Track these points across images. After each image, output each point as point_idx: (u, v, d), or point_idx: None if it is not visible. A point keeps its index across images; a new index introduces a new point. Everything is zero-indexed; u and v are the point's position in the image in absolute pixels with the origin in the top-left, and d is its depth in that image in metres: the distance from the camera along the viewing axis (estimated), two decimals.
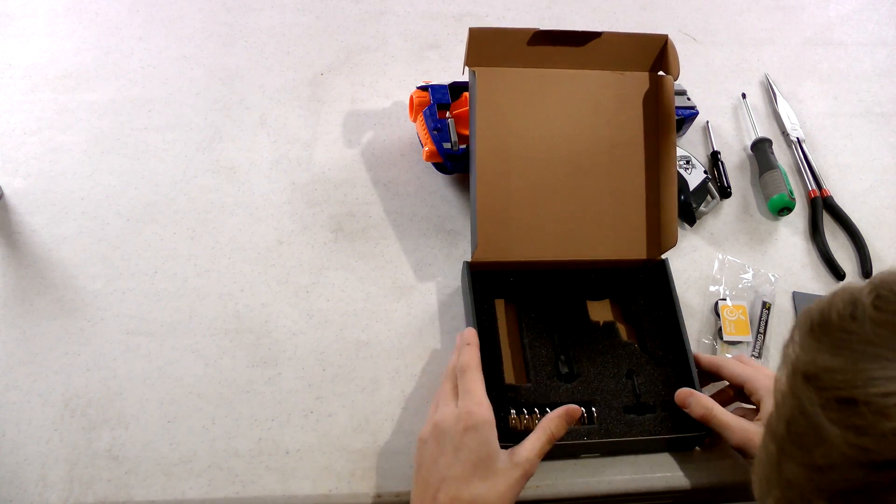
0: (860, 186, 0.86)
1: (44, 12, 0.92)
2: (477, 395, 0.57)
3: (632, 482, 0.63)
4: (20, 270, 0.70)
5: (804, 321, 0.38)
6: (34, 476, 0.59)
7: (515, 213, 0.68)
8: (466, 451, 0.54)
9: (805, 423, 0.36)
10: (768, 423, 0.40)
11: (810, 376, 0.36)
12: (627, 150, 0.70)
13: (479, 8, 0.99)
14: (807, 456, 0.36)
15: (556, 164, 0.69)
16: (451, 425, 0.55)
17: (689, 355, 0.65)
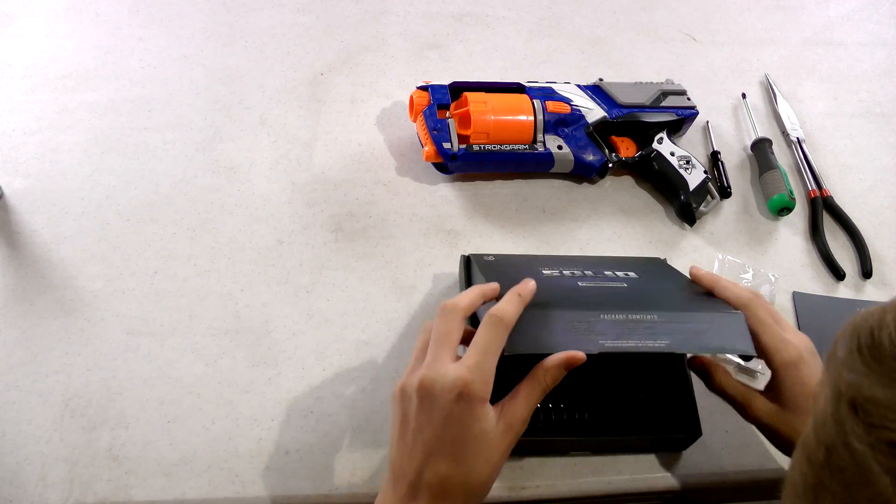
0: (860, 186, 0.86)
1: (44, 12, 0.92)
2: (488, 362, 0.48)
3: (632, 482, 0.63)
4: (20, 270, 0.70)
5: (851, 337, 0.34)
6: (34, 476, 0.59)
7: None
8: (456, 426, 0.47)
9: (849, 459, 0.32)
10: (804, 440, 0.37)
11: (857, 406, 0.32)
12: None
13: (479, 8, 0.99)
14: (848, 496, 0.32)
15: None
16: (443, 390, 0.47)
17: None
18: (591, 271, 0.63)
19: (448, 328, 0.50)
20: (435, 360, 0.48)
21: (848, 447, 0.32)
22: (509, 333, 0.50)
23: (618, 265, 0.66)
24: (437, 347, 0.49)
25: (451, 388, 0.47)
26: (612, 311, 0.53)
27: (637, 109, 0.83)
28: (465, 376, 0.47)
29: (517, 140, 0.78)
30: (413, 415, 0.48)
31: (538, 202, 0.80)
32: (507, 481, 0.62)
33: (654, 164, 0.81)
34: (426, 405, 0.47)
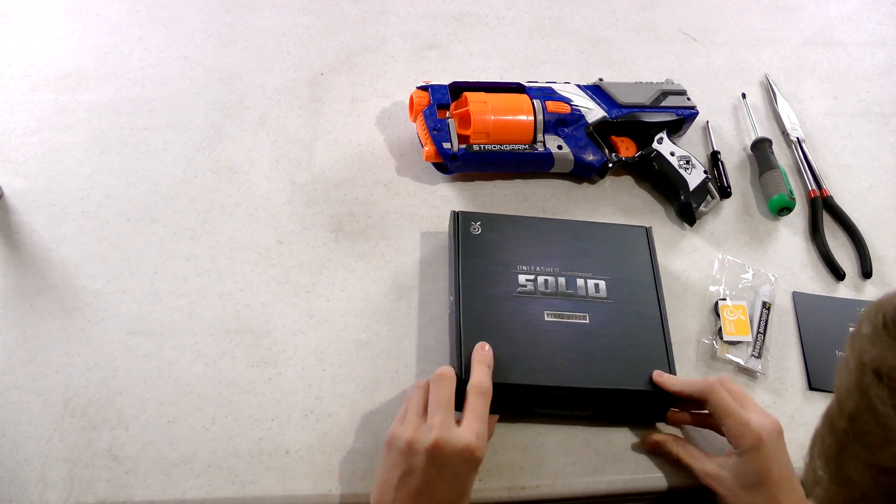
0: (860, 186, 0.86)
1: (44, 12, 0.92)
2: (484, 428, 0.56)
3: (632, 482, 0.63)
4: (20, 270, 0.70)
5: (875, 314, 0.36)
6: (34, 476, 0.59)
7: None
8: (461, 483, 0.54)
9: (873, 422, 0.34)
10: (827, 414, 0.39)
11: (882, 374, 0.34)
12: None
13: (479, 8, 0.99)
14: (872, 456, 0.34)
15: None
16: (455, 453, 0.53)
17: (664, 317, 0.66)
18: (564, 278, 0.67)
19: (449, 394, 0.57)
20: (444, 422, 0.55)
21: (872, 411, 0.34)
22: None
23: (595, 263, 0.69)
24: (443, 411, 0.56)
25: (462, 451, 0.54)
26: (560, 384, 0.61)
27: (637, 109, 0.83)
28: (473, 443, 0.54)
29: (517, 140, 0.78)
30: (420, 469, 0.53)
31: (538, 202, 0.80)
32: (507, 481, 0.62)
33: (654, 164, 0.81)
34: (437, 463, 0.53)
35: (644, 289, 0.68)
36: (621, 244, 0.71)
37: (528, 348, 0.63)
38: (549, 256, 0.68)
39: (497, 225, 0.70)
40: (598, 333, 0.64)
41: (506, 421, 0.65)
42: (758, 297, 0.74)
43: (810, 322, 0.74)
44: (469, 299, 0.65)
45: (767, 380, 0.70)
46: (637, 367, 0.63)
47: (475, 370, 0.59)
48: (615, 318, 0.66)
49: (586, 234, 0.71)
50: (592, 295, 0.67)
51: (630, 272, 0.69)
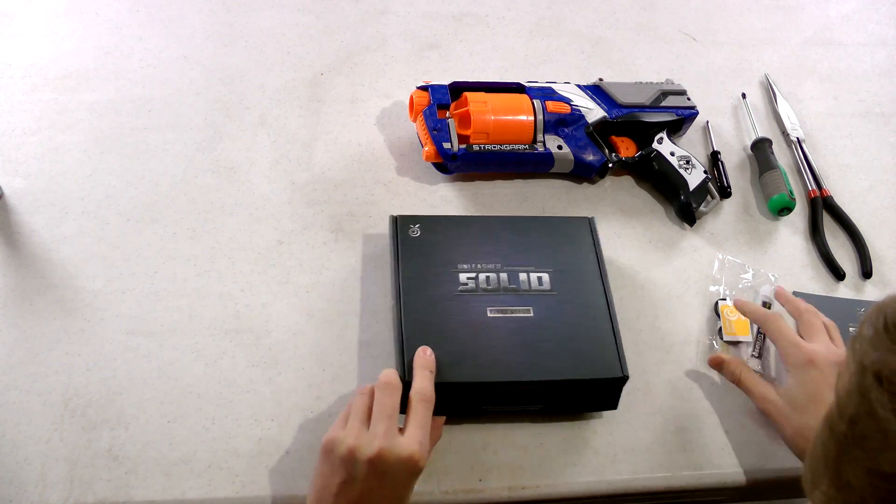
0: (860, 186, 0.86)
1: (44, 12, 0.92)
2: (426, 436, 0.56)
3: (632, 482, 0.63)
4: (20, 270, 0.70)
5: (877, 317, 0.36)
6: (34, 476, 0.59)
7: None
8: (402, 489, 0.55)
9: (873, 426, 0.34)
10: (827, 416, 0.38)
11: (882, 377, 0.34)
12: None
13: (479, 8, 0.99)
14: (872, 461, 0.34)
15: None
16: (397, 463, 0.53)
17: (610, 305, 0.66)
18: (506, 274, 0.67)
19: (394, 402, 0.56)
20: (388, 431, 0.54)
21: (872, 415, 0.33)
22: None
23: (537, 256, 0.68)
24: (387, 420, 0.55)
25: (405, 461, 0.53)
26: (505, 379, 0.61)
27: (637, 109, 0.83)
28: (417, 453, 0.54)
29: (517, 140, 0.78)
30: (362, 478, 0.53)
31: (538, 202, 0.80)
32: (507, 481, 0.62)
33: (654, 164, 0.81)
34: (377, 472, 0.53)
35: (589, 279, 0.68)
36: (564, 236, 0.71)
37: (472, 346, 0.62)
38: (490, 253, 0.68)
39: (436, 226, 0.70)
40: (542, 326, 0.64)
41: (502, 422, 0.65)
42: (758, 296, 0.74)
43: None
44: (410, 302, 0.64)
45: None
46: (584, 357, 0.63)
47: (417, 376, 0.58)
48: (560, 309, 0.65)
49: (528, 229, 0.71)
50: (536, 288, 0.66)
51: (574, 263, 0.69)
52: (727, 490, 0.65)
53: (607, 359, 0.63)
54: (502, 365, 0.61)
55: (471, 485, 0.62)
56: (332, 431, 0.55)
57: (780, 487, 0.66)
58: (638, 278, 0.75)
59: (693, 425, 0.66)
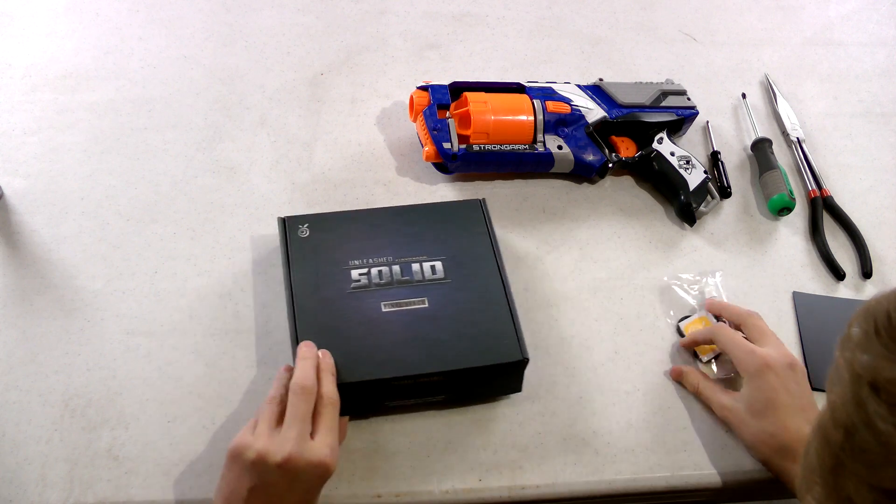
0: (860, 186, 0.86)
1: (44, 12, 0.92)
2: (336, 442, 0.56)
3: (632, 482, 0.63)
4: (20, 270, 0.70)
5: (866, 319, 0.34)
6: (34, 476, 0.59)
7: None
8: (313, 493, 0.54)
9: (873, 440, 0.32)
10: (820, 423, 0.37)
11: (879, 387, 0.32)
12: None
13: (479, 8, 0.99)
14: (873, 476, 0.33)
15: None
16: (308, 468, 0.53)
17: (506, 287, 0.65)
18: (398, 266, 0.66)
19: (308, 408, 0.55)
20: (299, 436, 0.53)
21: (871, 428, 0.32)
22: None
23: (430, 245, 0.68)
24: (300, 424, 0.54)
25: (316, 466, 0.53)
26: (403, 374, 0.60)
27: (637, 109, 0.83)
28: (328, 458, 0.53)
29: (517, 140, 0.78)
30: (271, 483, 0.52)
31: (538, 202, 0.80)
32: (507, 481, 0.62)
33: (654, 164, 0.81)
34: (288, 477, 0.52)
35: (483, 263, 0.67)
36: (456, 221, 0.70)
37: (368, 343, 0.61)
38: (381, 246, 0.67)
39: (325, 224, 0.69)
40: (438, 316, 0.63)
41: (503, 422, 0.65)
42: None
43: (810, 322, 0.74)
44: (302, 305, 0.63)
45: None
46: (483, 343, 0.62)
47: (321, 380, 0.57)
48: (455, 296, 0.64)
49: (418, 218, 0.70)
50: (429, 278, 0.65)
51: (467, 248, 0.68)
52: (727, 490, 0.64)
53: (506, 343, 0.62)
54: (400, 360, 0.61)
55: (471, 485, 0.62)
56: (241, 437, 0.54)
57: (779, 487, 0.65)
58: (638, 278, 0.75)
59: (693, 425, 0.66)
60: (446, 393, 0.64)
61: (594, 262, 0.76)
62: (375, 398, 0.62)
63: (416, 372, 0.60)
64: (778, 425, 0.59)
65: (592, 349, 0.70)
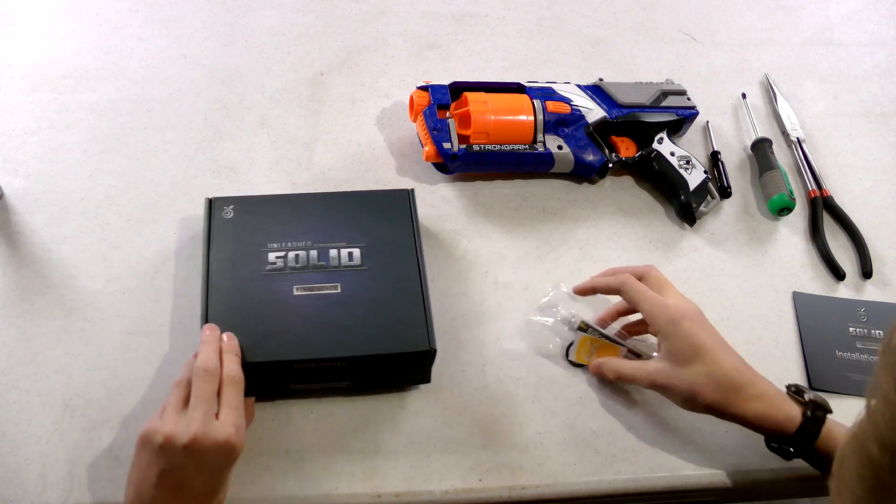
0: (860, 186, 0.86)
1: (44, 12, 0.92)
2: (242, 420, 0.56)
3: (632, 482, 0.63)
4: (20, 270, 0.70)
5: None
6: (34, 476, 0.59)
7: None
8: (221, 473, 0.54)
9: None
10: (859, 436, 0.35)
11: None
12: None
13: (479, 8, 0.99)
14: None
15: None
16: (214, 447, 0.53)
17: (423, 278, 0.65)
18: (316, 251, 0.66)
19: (211, 388, 0.56)
20: (204, 417, 0.54)
21: None
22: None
23: (351, 232, 0.68)
24: (205, 405, 0.55)
25: (222, 445, 0.53)
26: (307, 357, 0.61)
27: (637, 109, 0.83)
28: (233, 437, 0.54)
29: (517, 140, 0.78)
30: (180, 465, 0.53)
31: (538, 202, 0.80)
32: (508, 481, 0.62)
33: (654, 164, 0.81)
34: (195, 457, 0.53)
35: (403, 252, 0.67)
36: (381, 210, 0.70)
37: (276, 325, 0.62)
38: (302, 231, 0.67)
39: (251, 206, 0.69)
40: (350, 302, 0.63)
41: (503, 423, 0.65)
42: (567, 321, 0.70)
43: (810, 322, 0.74)
44: (216, 284, 0.64)
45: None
46: (391, 331, 0.62)
47: (224, 361, 0.58)
48: (369, 284, 0.64)
49: (344, 204, 0.70)
50: (346, 264, 0.65)
51: (389, 237, 0.68)
52: (726, 490, 0.64)
53: (415, 332, 0.62)
54: (305, 343, 0.61)
55: (471, 485, 0.62)
56: (148, 423, 0.55)
57: (779, 488, 0.66)
58: None
59: (693, 425, 0.66)
60: (352, 379, 0.64)
61: (594, 262, 0.76)
62: (280, 380, 0.63)
63: (319, 356, 0.61)
64: (711, 365, 0.60)
65: None
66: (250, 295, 0.63)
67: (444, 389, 0.66)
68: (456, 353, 0.69)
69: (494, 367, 0.68)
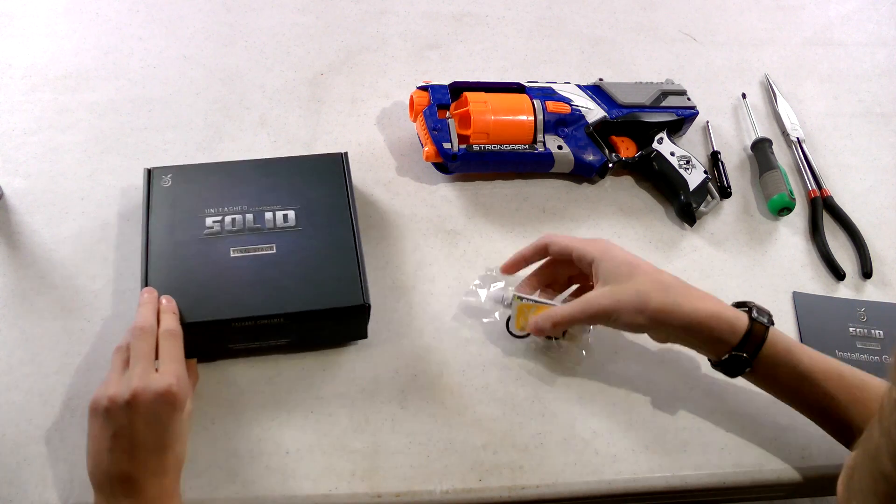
0: (860, 186, 0.86)
1: (44, 12, 0.92)
2: (181, 367, 0.57)
3: (632, 482, 0.63)
4: (20, 270, 0.70)
5: None
6: (34, 476, 0.59)
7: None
8: (167, 424, 0.55)
9: None
10: (871, 448, 0.35)
11: None
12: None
13: (479, 8, 0.99)
14: None
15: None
16: (156, 398, 0.54)
17: (356, 236, 0.67)
18: (252, 214, 0.68)
19: (148, 346, 0.58)
20: (143, 372, 0.55)
21: None
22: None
23: (286, 195, 0.69)
24: (143, 361, 0.56)
25: (163, 394, 0.54)
26: (243, 315, 0.62)
27: (637, 109, 0.83)
28: (174, 385, 0.55)
29: (517, 140, 0.78)
30: (127, 423, 0.54)
31: (538, 202, 0.80)
32: (508, 481, 0.62)
33: (654, 164, 0.81)
34: (139, 413, 0.54)
35: (336, 213, 0.69)
36: (315, 174, 0.72)
37: (214, 286, 0.63)
38: (238, 196, 0.69)
39: (188, 175, 0.71)
40: (285, 261, 0.65)
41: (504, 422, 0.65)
42: (500, 299, 0.70)
43: (810, 322, 0.74)
44: (155, 249, 0.65)
45: None
46: (326, 287, 0.64)
47: (161, 319, 0.60)
48: (304, 244, 0.66)
49: (278, 170, 0.72)
50: (281, 226, 0.67)
51: (323, 199, 0.70)
52: (726, 490, 0.65)
53: (349, 288, 0.64)
54: (242, 302, 0.63)
55: (471, 485, 0.62)
56: (94, 394, 0.56)
57: (779, 488, 0.66)
58: None
59: (693, 425, 0.66)
60: (290, 337, 0.65)
61: None
62: (219, 339, 0.64)
63: (256, 314, 0.62)
64: (652, 273, 0.62)
65: (592, 349, 0.70)
66: (188, 258, 0.65)
67: (444, 390, 0.66)
68: (456, 354, 0.69)
69: (494, 367, 0.68)
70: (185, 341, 0.60)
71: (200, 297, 0.63)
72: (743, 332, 0.59)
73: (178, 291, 0.62)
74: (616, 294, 0.61)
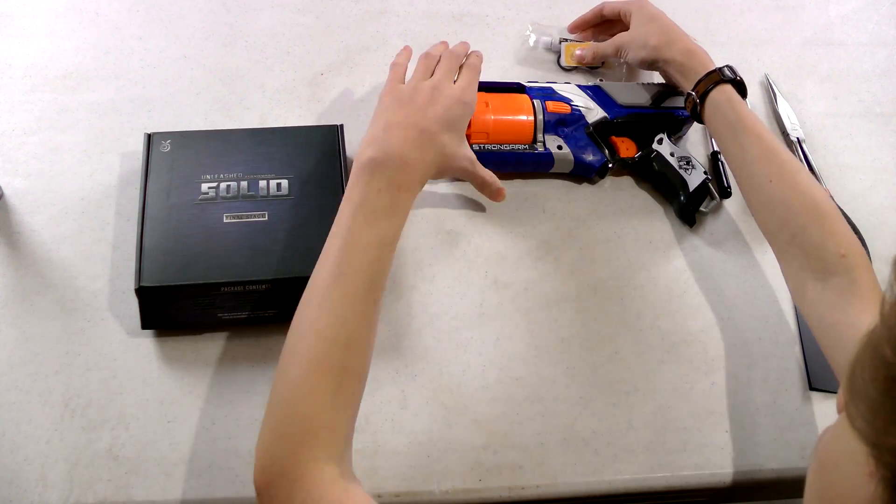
0: (860, 186, 0.86)
1: (44, 12, 0.92)
2: (475, 92, 0.71)
3: (632, 482, 0.63)
4: (20, 270, 0.70)
5: None
6: (34, 476, 0.59)
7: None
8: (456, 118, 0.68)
9: None
10: (873, 337, 0.36)
11: None
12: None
13: (479, 8, 0.99)
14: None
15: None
16: (451, 94, 0.67)
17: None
18: (246, 182, 0.70)
19: (455, 66, 0.72)
20: (447, 73, 0.70)
21: None
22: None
23: (280, 164, 0.72)
24: (447, 70, 0.71)
25: (457, 98, 0.69)
26: (232, 279, 0.64)
27: (637, 110, 0.83)
28: (466, 93, 0.70)
29: (517, 140, 0.78)
30: (421, 95, 0.67)
31: (538, 202, 0.80)
32: (507, 481, 0.62)
33: (653, 164, 0.81)
34: (435, 94, 0.67)
35: (330, 183, 0.71)
36: (311, 145, 0.74)
37: (205, 250, 0.65)
38: (234, 164, 0.71)
39: (187, 141, 0.72)
40: (276, 228, 0.67)
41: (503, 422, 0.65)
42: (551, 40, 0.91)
43: None
44: (151, 212, 0.67)
45: (767, 380, 0.70)
46: (314, 256, 0.63)
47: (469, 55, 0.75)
48: (295, 212, 0.68)
49: (275, 140, 0.74)
50: (274, 194, 0.69)
51: (316, 169, 0.72)
52: (727, 490, 0.65)
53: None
54: (231, 266, 0.65)
55: (471, 485, 0.62)
56: (390, 83, 0.70)
57: (779, 488, 0.66)
58: (638, 278, 0.75)
59: (693, 425, 0.66)
60: (277, 307, 0.66)
61: (594, 262, 0.76)
62: (209, 305, 0.65)
63: (244, 278, 0.64)
64: (661, 19, 0.80)
65: (592, 349, 0.70)
66: (182, 222, 0.67)
67: (444, 389, 0.67)
68: (456, 353, 0.69)
69: (494, 367, 0.68)
70: (175, 307, 0.64)
71: (192, 259, 0.65)
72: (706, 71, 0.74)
73: (171, 253, 0.65)
74: (632, 34, 0.82)
